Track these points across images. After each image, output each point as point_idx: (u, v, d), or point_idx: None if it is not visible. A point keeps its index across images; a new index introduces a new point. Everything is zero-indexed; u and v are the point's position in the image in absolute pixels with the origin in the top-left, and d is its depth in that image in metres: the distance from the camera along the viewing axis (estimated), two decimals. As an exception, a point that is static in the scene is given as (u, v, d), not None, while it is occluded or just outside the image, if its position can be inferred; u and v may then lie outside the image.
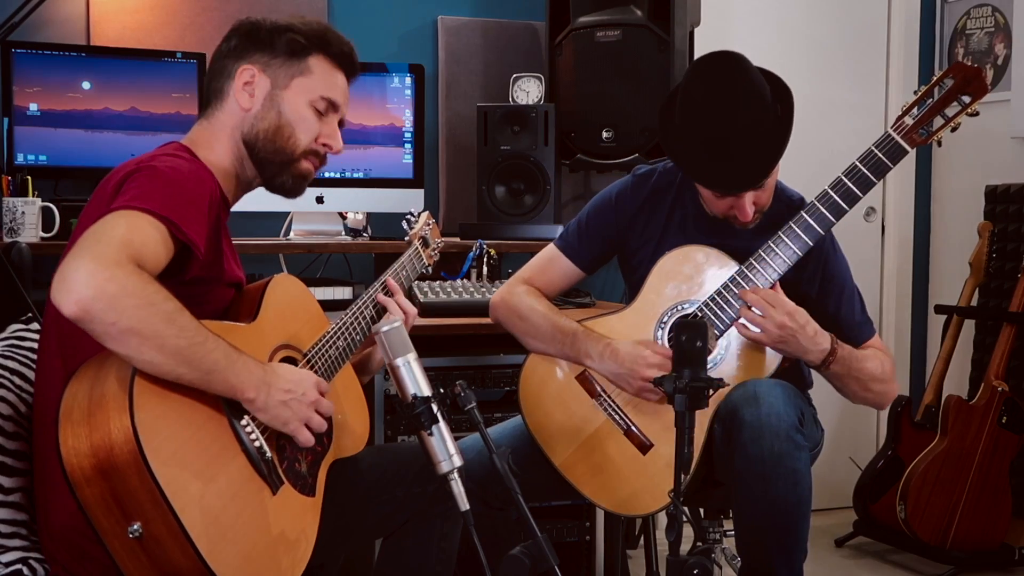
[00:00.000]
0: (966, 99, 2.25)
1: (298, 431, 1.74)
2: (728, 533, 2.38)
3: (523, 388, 2.39)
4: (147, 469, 1.49)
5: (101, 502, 1.52)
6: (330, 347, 1.95)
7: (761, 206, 2.32)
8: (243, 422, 1.68)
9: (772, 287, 2.25)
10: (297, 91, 1.90)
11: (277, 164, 1.91)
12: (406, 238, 2.34)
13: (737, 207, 2.27)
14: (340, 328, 1.99)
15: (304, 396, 1.73)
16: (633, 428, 2.27)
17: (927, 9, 4.30)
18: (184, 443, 1.58)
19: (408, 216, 2.38)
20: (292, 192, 1.96)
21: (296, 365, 1.86)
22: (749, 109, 2.22)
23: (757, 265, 2.25)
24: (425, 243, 2.35)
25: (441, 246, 2.42)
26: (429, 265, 2.36)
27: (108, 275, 1.51)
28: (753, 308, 2.22)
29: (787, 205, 2.39)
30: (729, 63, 2.25)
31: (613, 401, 2.30)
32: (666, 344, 2.29)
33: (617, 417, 2.29)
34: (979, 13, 4.15)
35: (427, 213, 2.42)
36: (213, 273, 1.80)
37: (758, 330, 2.22)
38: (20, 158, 3.10)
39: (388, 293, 2.15)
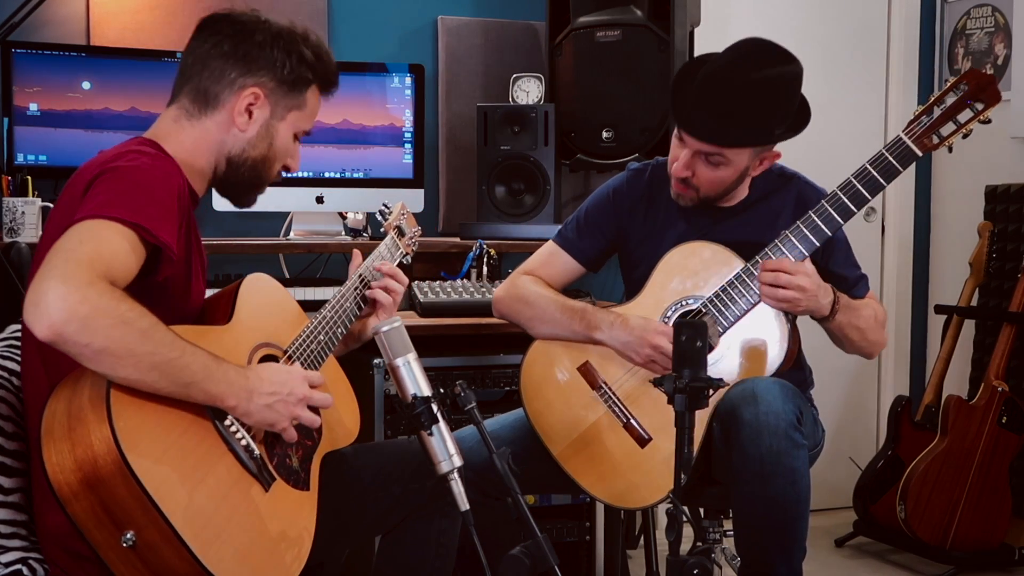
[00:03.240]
0: (979, 106, 2.24)
1: (286, 431, 1.73)
2: (728, 533, 2.38)
3: (525, 377, 2.39)
4: (132, 476, 1.49)
5: (92, 515, 1.51)
6: (311, 342, 1.94)
7: (702, 185, 2.31)
8: (227, 422, 1.68)
9: None
10: (290, 123, 1.91)
11: (249, 187, 1.93)
12: (381, 229, 2.33)
13: (677, 158, 2.29)
14: (320, 323, 1.99)
15: (291, 395, 1.72)
16: (632, 421, 2.28)
17: (927, 9, 4.30)
18: (168, 448, 1.57)
19: (382, 208, 2.35)
20: (246, 206, 1.97)
21: (277, 363, 1.85)
22: (756, 84, 2.21)
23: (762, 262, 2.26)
24: (401, 232, 2.33)
25: (419, 234, 2.39)
26: (407, 254, 2.33)
27: (80, 297, 1.49)
28: (774, 285, 2.21)
29: (779, 177, 2.44)
30: (779, 48, 2.25)
31: (614, 393, 2.30)
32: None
33: (617, 409, 2.29)
34: (979, 13, 4.15)
35: (401, 203, 2.39)
36: (186, 269, 1.79)
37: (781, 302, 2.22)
38: (20, 158, 3.10)
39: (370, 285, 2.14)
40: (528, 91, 3.55)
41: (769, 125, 2.26)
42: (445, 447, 1.76)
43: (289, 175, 2.02)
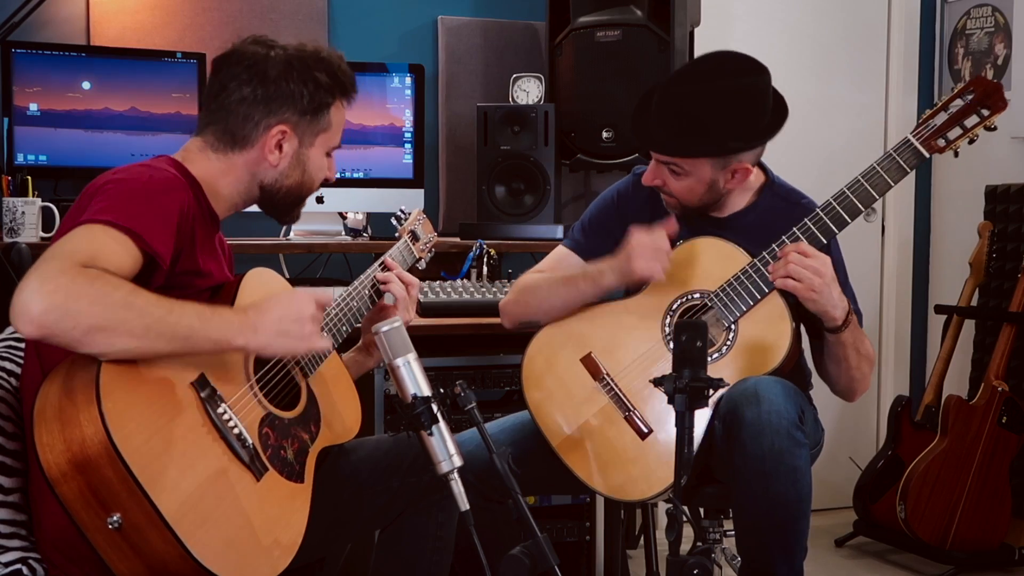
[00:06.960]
0: (984, 112, 2.28)
1: (310, 349, 1.78)
2: (728, 533, 2.37)
3: (526, 368, 2.39)
4: (119, 457, 1.50)
5: (80, 496, 1.53)
6: None
7: (675, 193, 2.34)
8: (220, 410, 1.68)
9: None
10: (319, 146, 1.96)
11: (287, 208, 2.01)
12: (396, 234, 2.35)
13: (647, 170, 2.36)
14: (324, 321, 1.99)
15: (300, 313, 1.74)
16: (633, 413, 2.27)
17: (927, 9, 4.30)
18: (157, 431, 1.58)
19: (398, 212, 2.38)
20: (291, 223, 2.11)
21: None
22: (707, 95, 2.25)
23: (770, 259, 2.25)
24: (415, 237, 2.34)
25: (433, 241, 2.41)
26: (420, 258, 2.35)
27: (52, 287, 1.52)
28: (790, 262, 2.20)
29: (785, 201, 2.41)
30: (743, 58, 2.29)
31: (616, 385, 2.30)
32: (669, 330, 2.30)
33: (619, 401, 2.29)
34: (979, 13, 4.15)
35: (419, 209, 2.42)
36: (182, 282, 1.80)
37: (796, 282, 2.20)
38: (20, 158, 3.10)
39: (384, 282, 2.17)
40: (528, 91, 3.55)
41: (722, 137, 2.27)
42: (445, 447, 1.76)
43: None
